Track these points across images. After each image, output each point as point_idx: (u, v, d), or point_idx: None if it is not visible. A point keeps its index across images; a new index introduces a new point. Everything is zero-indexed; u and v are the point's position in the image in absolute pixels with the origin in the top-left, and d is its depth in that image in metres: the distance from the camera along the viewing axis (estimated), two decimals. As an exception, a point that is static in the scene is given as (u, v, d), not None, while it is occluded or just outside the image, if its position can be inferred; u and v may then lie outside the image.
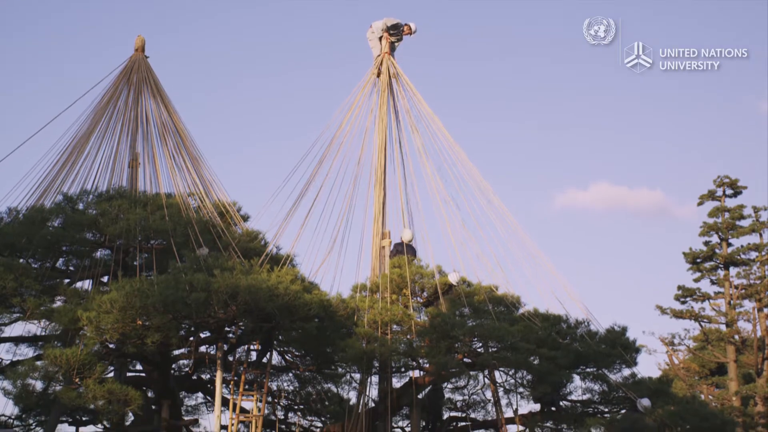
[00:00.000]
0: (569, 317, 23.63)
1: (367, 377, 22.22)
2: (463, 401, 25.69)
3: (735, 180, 37.20)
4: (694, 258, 36.95)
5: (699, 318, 36.49)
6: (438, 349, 20.85)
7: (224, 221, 23.72)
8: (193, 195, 24.89)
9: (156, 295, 18.65)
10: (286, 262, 22.55)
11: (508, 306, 23.37)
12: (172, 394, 22.59)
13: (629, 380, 22.85)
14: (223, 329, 21.06)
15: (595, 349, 22.47)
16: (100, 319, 18.64)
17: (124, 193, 23.86)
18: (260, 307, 19.31)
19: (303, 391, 26.28)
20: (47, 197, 24.08)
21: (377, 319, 21.41)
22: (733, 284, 36.24)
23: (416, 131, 24.68)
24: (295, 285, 19.98)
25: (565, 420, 23.58)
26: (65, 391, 19.01)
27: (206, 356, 22.83)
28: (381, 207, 23.67)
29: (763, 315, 35.47)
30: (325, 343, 21.73)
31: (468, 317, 21.64)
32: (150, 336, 19.00)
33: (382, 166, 24.00)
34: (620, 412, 22.82)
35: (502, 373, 23.44)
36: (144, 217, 21.93)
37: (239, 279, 19.27)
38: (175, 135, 26.05)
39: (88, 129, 25.52)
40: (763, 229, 36.42)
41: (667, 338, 38.27)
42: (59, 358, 18.66)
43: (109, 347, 20.37)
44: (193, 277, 19.20)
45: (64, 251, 22.91)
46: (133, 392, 19.14)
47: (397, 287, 22.44)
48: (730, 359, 35.54)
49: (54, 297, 21.88)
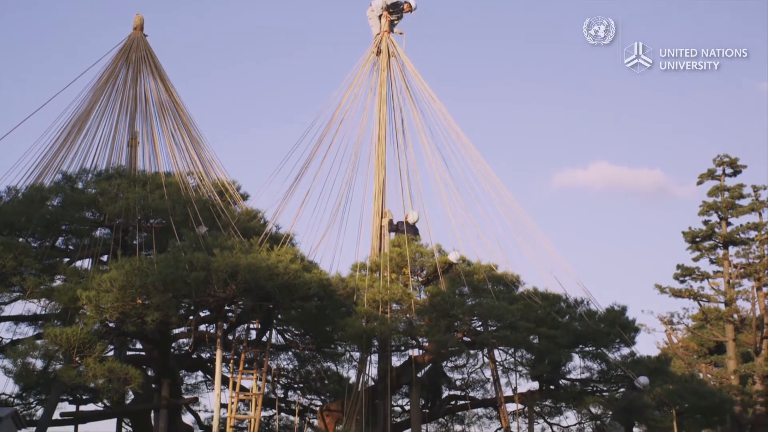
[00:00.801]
0: (568, 296, 23.71)
1: (367, 356, 22.26)
2: (463, 380, 25.76)
3: (735, 159, 37.15)
4: (693, 237, 36.93)
5: (698, 297, 36.50)
6: (437, 327, 20.89)
7: (223, 200, 23.71)
8: (193, 174, 24.87)
9: (155, 274, 18.65)
10: (286, 241, 22.55)
11: (507, 285, 23.40)
12: (172, 372, 22.62)
13: (628, 359, 22.90)
14: (222, 308, 21.07)
15: (594, 328, 22.51)
16: (100, 298, 18.65)
17: (124, 172, 23.84)
18: (260, 286, 19.31)
19: (303, 370, 26.33)
20: (46, 176, 24.08)
21: (377, 298, 21.44)
22: (732, 263, 36.23)
23: (416, 110, 24.66)
24: (295, 264, 19.97)
25: (564, 398, 23.67)
26: (65, 370, 19.03)
27: (206, 335, 22.86)
28: (381, 186, 23.65)
29: (762, 294, 35.49)
30: (324, 322, 21.76)
31: (467, 296, 21.67)
32: (150, 315, 19.00)
33: (382, 145, 23.97)
34: (619, 391, 22.90)
35: (501, 351, 23.51)
36: (143, 196, 21.91)
37: (239, 258, 19.27)
38: (173, 114, 26.00)
39: (87, 108, 25.48)
40: (763, 208, 36.39)
41: (666, 317, 38.33)
42: (59, 336, 18.67)
43: (108, 326, 20.38)
44: (192, 256, 19.20)
45: (63, 230, 22.91)
46: (133, 371, 19.16)
47: (396, 266, 22.44)
48: (729, 338, 35.58)
49: (54, 276, 21.88)
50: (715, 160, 37.46)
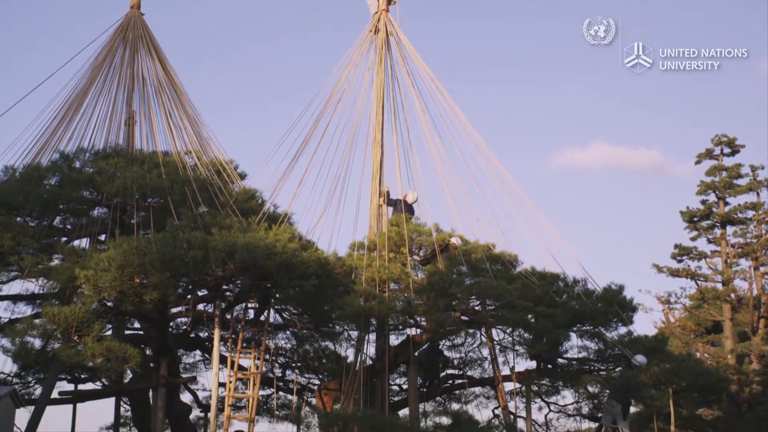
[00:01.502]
0: (566, 276, 23.73)
1: (365, 335, 22.28)
2: (461, 359, 25.82)
3: (733, 139, 37.10)
4: (691, 217, 36.93)
5: (695, 276, 36.53)
6: (436, 306, 20.91)
7: (221, 179, 23.66)
8: (190, 153, 24.81)
9: (154, 253, 18.64)
10: (284, 220, 22.55)
11: (505, 264, 23.41)
12: (170, 351, 22.66)
13: (625, 338, 22.95)
14: (220, 287, 21.09)
15: (592, 308, 22.55)
16: (98, 277, 18.64)
17: (121, 151, 23.79)
18: (258, 265, 19.32)
19: (300, 349, 26.39)
20: (44, 155, 24.03)
21: (375, 277, 21.44)
22: (730, 243, 36.23)
23: (413, 89, 24.58)
24: (293, 243, 19.98)
25: (561, 377, 23.72)
26: (64, 349, 19.05)
27: (204, 314, 22.87)
28: (378, 165, 23.62)
29: (759, 273, 35.53)
30: (322, 301, 21.78)
31: (466, 275, 21.68)
32: (148, 294, 19.01)
33: (380, 124, 23.91)
34: (616, 370, 22.96)
35: (499, 330, 23.55)
36: (141, 175, 21.87)
37: (237, 237, 19.27)
38: (171, 93, 25.93)
39: (84, 87, 25.40)
40: (761, 188, 36.37)
41: (664, 297, 38.36)
42: (57, 316, 18.67)
43: (107, 305, 20.37)
44: (190, 235, 19.19)
45: (61, 209, 22.88)
46: (132, 350, 19.18)
47: (394, 245, 22.45)
48: (726, 317, 35.64)
49: (51, 255, 21.88)
50: (713, 139, 37.45)
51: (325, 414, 21.65)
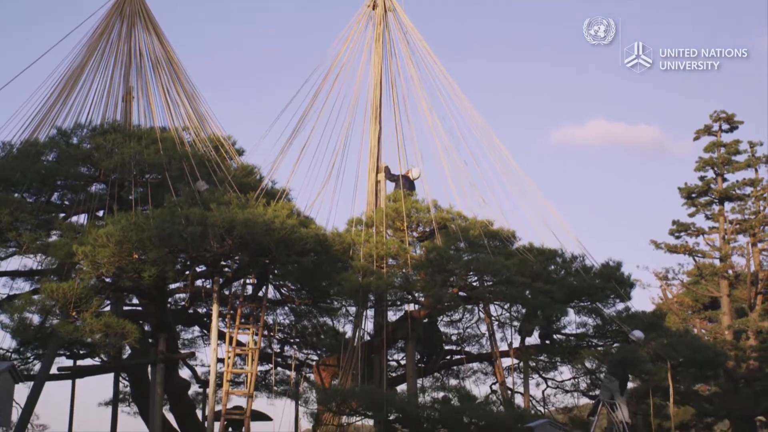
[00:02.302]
0: (564, 252, 23.74)
1: (363, 311, 22.32)
2: (458, 335, 25.90)
3: (731, 115, 37.00)
4: (689, 193, 36.90)
5: (693, 253, 36.53)
6: (433, 282, 20.93)
7: (219, 155, 23.63)
8: (188, 129, 24.76)
9: (152, 229, 18.64)
10: (282, 196, 22.53)
11: (503, 240, 23.43)
12: (168, 327, 22.69)
13: (623, 314, 23.00)
14: (219, 263, 21.11)
15: (590, 284, 22.59)
16: (96, 253, 18.65)
17: (119, 127, 23.73)
18: (256, 241, 19.33)
19: (299, 325, 26.45)
20: (41, 131, 23.97)
21: (373, 253, 21.46)
22: (728, 219, 36.19)
23: (412, 65, 24.50)
24: (291, 219, 19.98)
25: (559, 353, 23.80)
26: (62, 325, 19.07)
27: (202, 290, 22.91)
28: (376, 141, 23.58)
29: (757, 250, 35.55)
30: (320, 277, 21.81)
31: (463, 251, 21.69)
32: (146, 270, 19.02)
33: (378, 100, 23.85)
34: (614, 345, 23.02)
35: (497, 306, 23.58)
36: (139, 151, 21.82)
37: (235, 213, 19.27)
38: (168, 68, 25.84)
39: (81, 62, 25.29)
40: (759, 164, 36.30)
41: (661, 273, 38.39)
42: (56, 292, 18.69)
43: (105, 281, 20.40)
44: (189, 210, 19.19)
45: (59, 185, 22.88)
46: (130, 326, 19.21)
47: (393, 221, 22.45)
48: (724, 294, 35.67)
49: (50, 231, 21.89)
50: (711, 116, 37.35)
51: (323, 389, 21.72)
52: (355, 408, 20.07)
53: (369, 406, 19.84)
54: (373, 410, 20.00)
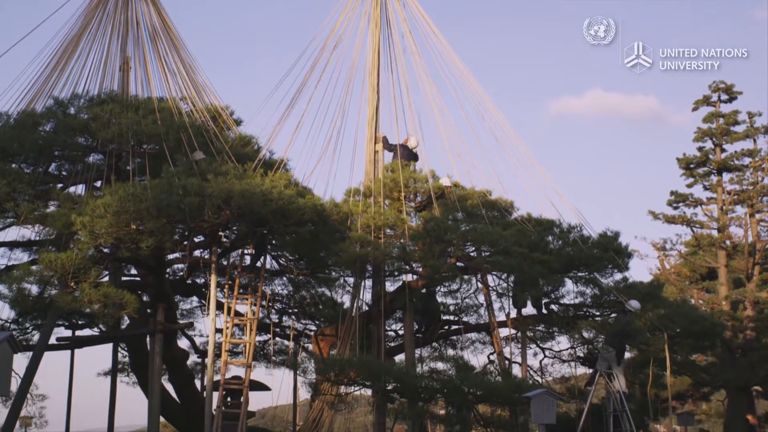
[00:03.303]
0: (562, 222, 23.76)
1: (361, 281, 22.37)
2: (456, 305, 25.96)
3: (730, 85, 36.95)
4: (687, 164, 36.91)
5: (691, 223, 36.60)
6: (431, 253, 20.96)
7: (217, 126, 23.58)
8: (185, 99, 24.67)
9: (150, 200, 18.63)
10: (280, 166, 22.51)
11: (501, 211, 23.43)
12: (167, 298, 22.74)
13: (621, 284, 23.05)
14: (216, 234, 21.12)
15: (588, 254, 22.61)
16: (94, 224, 18.65)
17: (116, 97, 23.63)
18: (254, 211, 19.33)
19: (297, 295, 26.52)
20: (38, 101, 23.86)
21: (370, 224, 21.48)
22: (726, 190, 36.24)
23: (410, 35, 24.37)
24: (289, 189, 19.97)
25: (556, 323, 23.87)
26: (61, 295, 19.11)
27: (200, 260, 22.93)
28: (374, 111, 23.51)
29: (755, 220, 35.60)
30: (318, 248, 21.83)
31: (461, 222, 21.70)
32: (144, 240, 19.03)
33: (376, 70, 23.75)
34: (611, 316, 23.08)
35: (494, 277, 23.62)
36: (136, 121, 21.74)
37: (233, 184, 19.25)
38: (166, 38, 25.69)
39: (77, 32, 25.14)
40: (757, 134, 36.31)
41: (659, 243, 38.51)
42: (54, 262, 18.71)
43: (103, 252, 20.42)
44: (186, 181, 19.17)
45: (56, 156, 22.80)
46: (129, 296, 19.25)
47: (390, 191, 22.44)
48: (721, 264, 35.75)
49: (47, 202, 21.87)
50: (710, 86, 37.29)
51: (321, 359, 21.79)
52: (353, 378, 20.16)
53: (367, 375, 19.92)
54: (371, 380, 20.08)
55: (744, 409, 32.12)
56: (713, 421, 44.12)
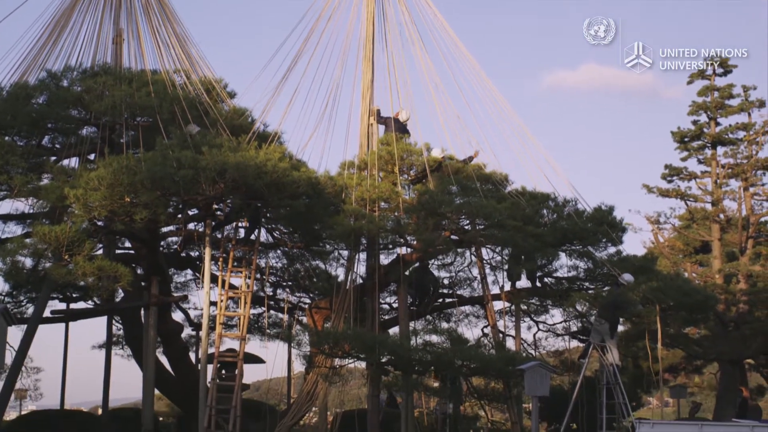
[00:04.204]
0: (557, 196, 23.78)
1: (355, 254, 22.39)
2: (450, 278, 26.00)
3: (725, 59, 36.75)
4: (682, 137, 36.83)
5: (685, 197, 36.57)
6: (425, 226, 20.98)
7: (211, 98, 23.49)
8: (179, 72, 24.56)
9: (143, 172, 18.61)
10: (274, 139, 22.45)
11: (495, 184, 23.44)
12: (161, 271, 22.77)
13: (614, 258, 23.10)
14: (211, 206, 21.11)
15: (582, 227, 22.66)
16: (88, 197, 18.63)
17: (109, 69, 23.53)
18: (248, 184, 19.31)
19: (291, 268, 26.53)
20: (31, 74, 23.75)
21: (365, 197, 21.47)
22: (720, 163, 36.18)
23: (405, 7, 24.24)
24: (283, 162, 19.94)
25: (550, 296, 23.94)
26: (55, 268, 19.13)
27: (195, 233, 22.93)
28: (369, 84, 23.42)
29: (749, 194, 35.57)
30: (313, 221, 21.83)
31: (456, 195, 21.70)
32: (138, 213, 19.02)
33: (370, 42, 23.63)
34: (605, 289, 23.15)
35: (488, 250, 23.66)
36: (129, 93, 21.68)
37: (227, 156, 19.22)
38: (159, 10, 25.50)
39: (70, 4, 24.94)
40: (752, 108, 36.20)
41: (653, 217, 38.44)
42: (48, 235, 18.70)
43: (97, 224, 20.41)
44: (180, 154, 19.15)
45: (49, 129, 22.74)
46: (123, 269, 19.27)
47: (385, 164, 22.41)
48: (715, 237, 35.78)
49: (41, 175, 21.84)
50: (705, 59, 37.16)
51: (315, 332, 21.83)
52: (348, 350, 20.21)
53: (361, 348, 19.97)
54: (365, 353, 20.14)
55: (736, 382, 32.20)
56: (705, 393, 44.36)
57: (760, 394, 41.03)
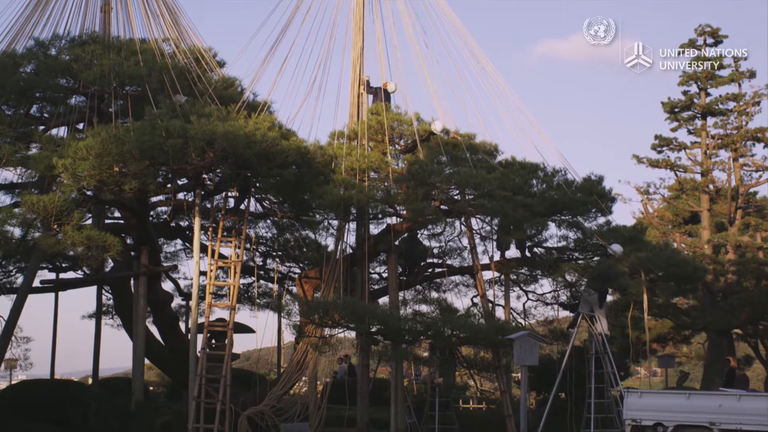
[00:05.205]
0: (546, 166, 23.77)
1: (345, 224, 22.38)
2: (440, 248, 26.01)
3: (716, 29, 36.68)
4: (672, 107, 36.79)
5: (675, 167, 36.60)
6: (415, 196, 20.97)
7: (200, 68, 23.38)
8: (168, 41, 24.42)
9: (132, 142, 18.54)
10: (263, 109, 22.36)
11: (485, 154, 23.42)
12: (150, 240, 22.73)
13: (604, 228, 23.13)
14: (200, 176, 21.06)
15: (571, 198, 22.67)
16: (76, 166, 18.56)
17: (97, 38, 23.39)
18: (237, 154, 19.26)
19: (281, 238, 26.53)
20: (18, 42, 23.60)
21: (355, 166, 21.43)
22: (710, 134, 36.19)
23: (395, -25, 24.07)
24: (273, 132, 19.89)
25: (539, 266, 23.97)
26: (44, 238, 19.08)
27: (184, 203, 22.89)
28: (359, 53, 23.31)
29: (738, 165, 35.63)
30: (302, 190, 21.81)
31: (445, 165, 21.67)
32: (127, 183, 18.97)
33: (361, 10, 23.48)
34: (594, 259, 23.21)
35: (478, 220, 23.67)
36: (118, 62, 21.55)
37: (216, 126, 19.17)
38: (147, -22, 25.35)
39: (58, -29, 24.79)
40: (742, 79, 36.17)
41: (643, 187, 38.47)
42: (36, 205, 18.65)
43: (86, 194, 20.37)
44: (169, 123, 19.08)
45: (37, 98, 22.63)
46: (112, 238, 19.24)
47: (375, 134, 22.35)
48: (704, 208, 35.87)
49: (29, 144, 21.75)
50: (696, 29, 37.03)
51: (305, 302, 21.87)
52: (338, 320, 20.27)
53: (351, 318, 20.03)
54: (355, 322, 20.20)
55: (724, 352, 32.38)
56: (693, 363, 44.61)
57: (747, 363, 41.27)
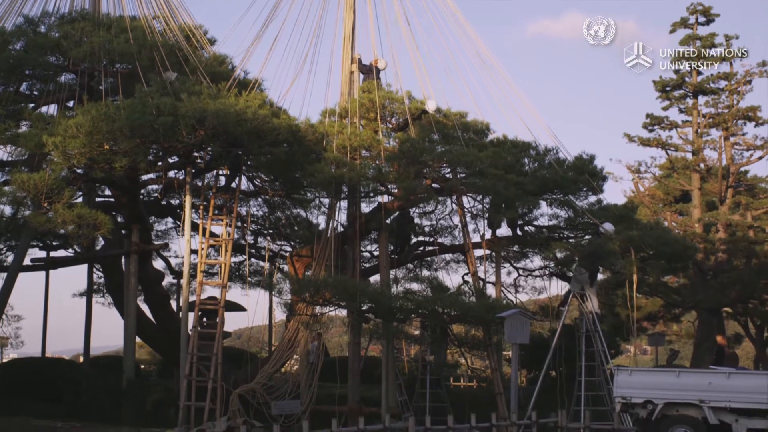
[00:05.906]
0: (538, 144, 23.76)
1: (336, 202, 22.34)
2: (431, 226, 26.02)
3: (708, 8, 36.64)
4: (663, 86, 36.77)
5: (666, 146, 36.62)
6: (407, 174, 20.94)
7: (190, 45, 23.26)
8: (158, 18, 24.29)
9: (123, 120, 18.47)
10: (254, 86, 22.27)
11: (477, 132, 23.38)
12: (141, 218, 22.70)
13: (595, 206, 23.16)
14: (191, 154, 21.00)
15: (563, 176, 22.66)
16: (67, 144, 18.49)
17: (87, 15, 23.28)
18: (228, 131, 19.21)
19: (272, 216, 26.51)
20: (7, 20, 23.48)
21: (346, 144, 21.38)
22: (701, 113, 36.21)
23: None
24: (264, 109, 19.83)
25: (530, 245, 24.00)
26: (34, 216, 19.03)
27: (175, 181, 22.83)
28: (351, 31, 23.21)
29: (729, 144, 35.66)
30: (294, 168, 21.76)
31: (437, 143, 21.64)
32: (118, 161, 18.91)
33: (352, -12, 23.38)
34: (585, 238, 23.24)
35: (469, 198, 23.66)
36: (108, 40, 21.45)
37: (207, 103, 19.09)
38: (137, -45, 25.17)
39: (47, -52, 24.60)
40: (734, 58, 36.18)
41: (634, 166, 38.50)
42: (27, 183, 18.58)
43: (76, 172, 20.30)
44: (160, 100, 19.00)
45: (27, 75, 22.53)
46: (103, 217, 19.19)
47: (366, 112, 22.28)
48: (695, 187, 35.93)
49: (19, 122, 21.67)
50: (688, 8, 36.98)
51: (297, 280, 21.86)
52: (329, 298, 20.27)
53: (342, 296, 20.03)
54: (347, 300, 20.20)
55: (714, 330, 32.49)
56: (683, 341, 44.77)
57: (737, 341, 41.46)
